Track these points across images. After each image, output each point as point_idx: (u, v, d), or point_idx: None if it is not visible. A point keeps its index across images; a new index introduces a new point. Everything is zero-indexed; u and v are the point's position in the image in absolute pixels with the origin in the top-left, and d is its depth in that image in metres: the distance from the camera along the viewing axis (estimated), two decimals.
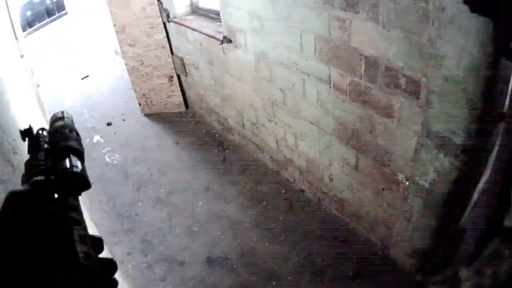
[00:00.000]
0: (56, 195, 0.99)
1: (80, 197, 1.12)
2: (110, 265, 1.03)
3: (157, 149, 6.48)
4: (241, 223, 5.03)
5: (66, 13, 11.19)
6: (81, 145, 1.16)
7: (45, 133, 1.21)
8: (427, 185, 3.27)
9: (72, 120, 1.24)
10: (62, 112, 1.24)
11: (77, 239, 0.91)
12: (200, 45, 5.65)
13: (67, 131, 1.19)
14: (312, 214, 4.99)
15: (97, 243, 1.01)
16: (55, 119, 1.23)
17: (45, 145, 1.16)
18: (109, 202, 5.59)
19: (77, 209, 1.00)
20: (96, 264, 0.91)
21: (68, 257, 0.87)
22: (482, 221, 2.35)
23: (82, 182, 1.06)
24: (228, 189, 5.55)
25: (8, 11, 7.18)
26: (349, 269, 4.26)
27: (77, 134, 1.20)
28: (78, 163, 1.09)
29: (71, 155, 1.10)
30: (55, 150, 1.12)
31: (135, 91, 7.05)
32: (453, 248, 2.75)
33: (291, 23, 3.89)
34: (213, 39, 5.14)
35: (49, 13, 11.20)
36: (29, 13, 10.72)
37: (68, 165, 1.05)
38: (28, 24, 10.67)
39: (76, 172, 1.06)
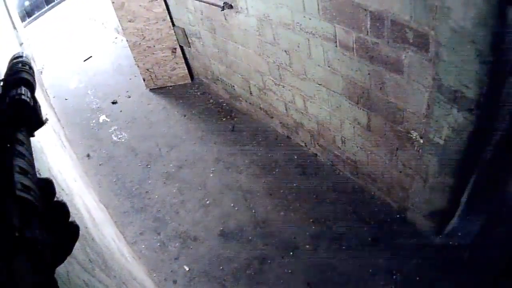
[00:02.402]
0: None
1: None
2: (61, 208, 1.05)
3: (164, 123, 6.39)
4: (254, 193, 4.95)
5: None
6: (34, 78, 1.28)
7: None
8: (441, 142, 3.18)
9: (29, 59, 1.36)
10: (22, 52, 1.37)
11: (17, 170, 0.92)
12: (201, 14, 5.49)
13: (20, 65, 1.29)
14: (326, 179, 4.89)
15: (46, 185, 1.02)
16: (14, 58, 1.34)
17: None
18: (118, 182, 5.53)
19: (24, 144, 1.05)
20: (40, 202, 0.90)
21: (3, 186, 0.86)
22: None
23: (30, 113, 1.16)
24: (239, 158, 5.45)
25: (5, 1, 7.09)
26: (367, 234, 4.19)
27: (31, 68, 1.31)
28: (28, 93, 1.18)
29: (22, 86, 1.19)
30: (9, 81, 1.21)
31: (138, 66, 6.93)
32: None
33: None
34: (214, 6, 4.98)
35: (48, 0, 11.10)
36: (27, 3, 10.64)
37: (16, 93, 1.14)
38: (27, 13, 10.60)
39: (24, 100, 1.14)
